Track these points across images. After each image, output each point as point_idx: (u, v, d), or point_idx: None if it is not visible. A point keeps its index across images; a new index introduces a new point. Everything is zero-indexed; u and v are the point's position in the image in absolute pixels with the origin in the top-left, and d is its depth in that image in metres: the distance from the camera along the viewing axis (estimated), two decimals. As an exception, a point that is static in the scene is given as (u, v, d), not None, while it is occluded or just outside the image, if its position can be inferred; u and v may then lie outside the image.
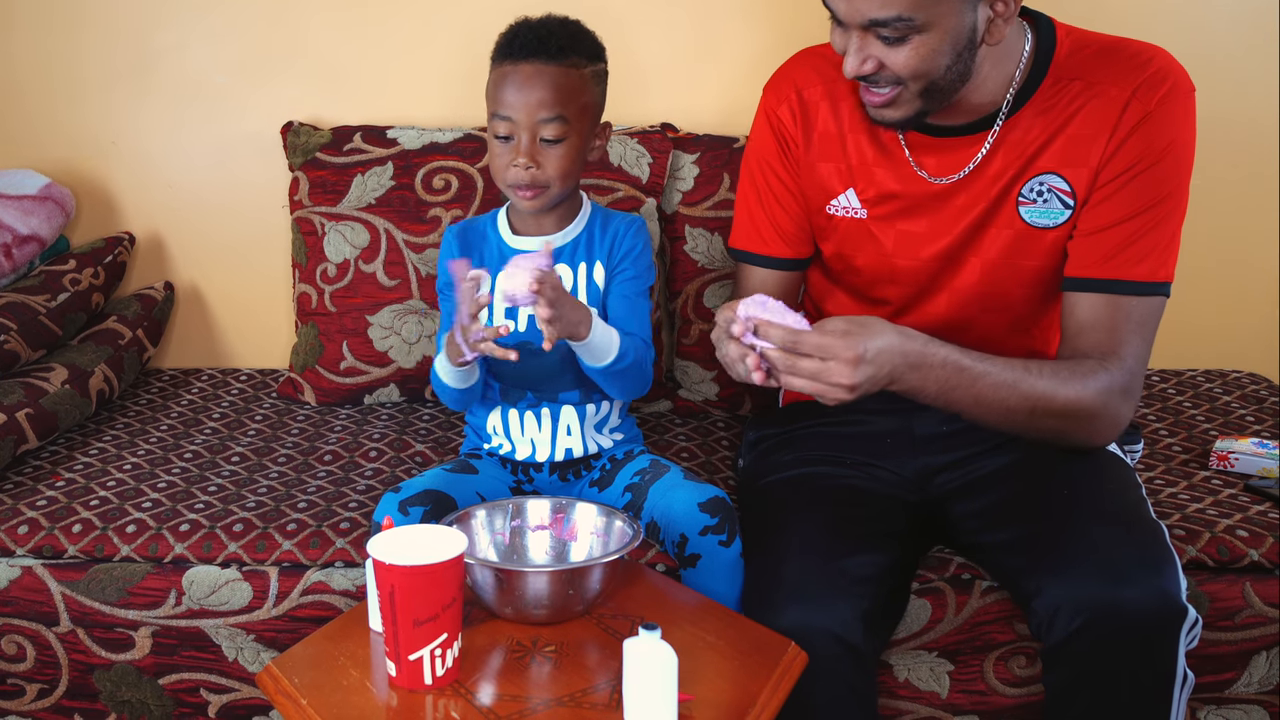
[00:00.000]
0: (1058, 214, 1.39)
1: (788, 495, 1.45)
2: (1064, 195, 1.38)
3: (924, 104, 1.33)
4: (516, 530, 1.34)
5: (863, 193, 1.47)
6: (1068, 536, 1.28)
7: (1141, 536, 1.27)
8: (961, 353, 1.29)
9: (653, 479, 1.47)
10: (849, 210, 1.48)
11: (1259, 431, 1.82)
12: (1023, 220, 1.41)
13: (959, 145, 1.41)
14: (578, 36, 1.44)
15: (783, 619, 1.24)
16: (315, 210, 1.97)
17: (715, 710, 1.07)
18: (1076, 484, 1.36)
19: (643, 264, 1.53)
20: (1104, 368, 1.34)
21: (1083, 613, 1.21)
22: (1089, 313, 1.38)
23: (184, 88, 2.12)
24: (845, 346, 1.21)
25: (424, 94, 2.11)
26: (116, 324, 2.03)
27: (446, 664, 1.10)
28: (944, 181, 1.42)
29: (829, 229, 1.51)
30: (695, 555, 1.39)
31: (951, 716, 1.52)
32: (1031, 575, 1.27)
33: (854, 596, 1.27)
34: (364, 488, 1.66)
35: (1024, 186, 1.40)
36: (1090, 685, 1.23)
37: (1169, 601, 1.21)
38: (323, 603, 1.50)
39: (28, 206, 2.00)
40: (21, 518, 1.57)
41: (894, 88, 1.31)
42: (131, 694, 1.56)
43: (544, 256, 1.32)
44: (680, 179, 1.98)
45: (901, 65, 1.28)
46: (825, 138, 1.49)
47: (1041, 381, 1.31)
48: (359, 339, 1.95)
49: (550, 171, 1.42)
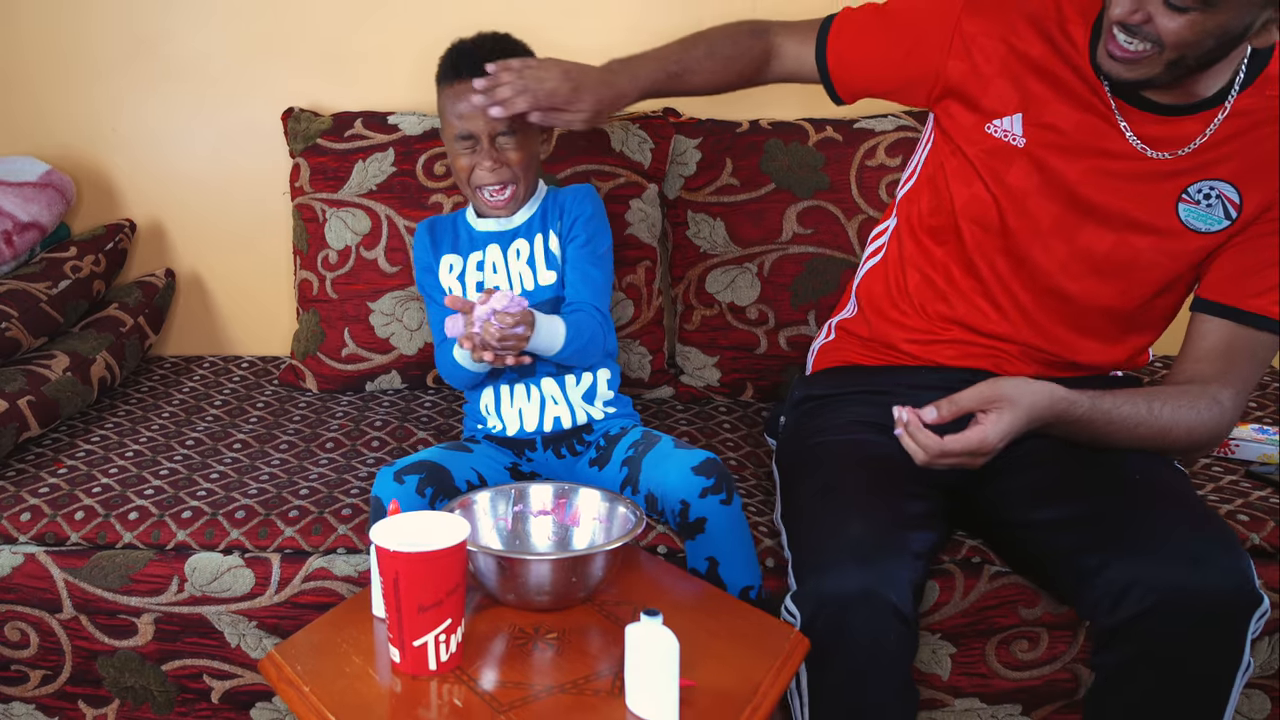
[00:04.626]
0: (1217, 221, 1.38)
1: (842, 457, 1.44)
2: (1230, 205, 1.37)
3: (1165, 73, 1.30)
4: (519, 515, 1.34)
5: (1032, 123, 1.44)
6: (1138, 517, 1.27)
7: (1215, 522, 1.28)
8: (1094, 400, 1.32)
9: (645, 450, 1.48)
10: (1009, 135, 1.45)
11: (1260, 418, 1.82)
12: (1178, 217, 1.39)
13: (1166, 122, 1.38)
14: (513, 45, 1.57)
15: (845, 580, 1.22)
16: (316, 197, 1.97)
17: (717, 696, 1.07)
18: (1133, 466, 1.36)
19: (593, 227, 1.60)
20: (1219, 403, 1.37)
21: (1155, 592, 1.19)
22: (1219, 341, 1.39)
23: (185, 74, 2.12)
24: (991, 438, 1.27)
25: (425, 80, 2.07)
26: (118, 311, 2.03)
27: (450, 650, 1.10)
28: (1148, 152, 1.39)
29: (977, 147, 1.48)
30: (700, 519, 1.39)
31: (952, 698, 1.53)
32: (1093, 552, 1.25)
33: (910, 568, 1.26)
34: (366, 475, 1.66)
35: (1193, 185, 1.38)
36: (1153, 665, 1.22)
37: (1246, 586, 1.21)
38: (325, 589, 1.50)
39: (28, 194, 2.00)
40: (24, 505, 1.58)
41: (1149, 47, 1.28)
42: (134, 680, 1.57)
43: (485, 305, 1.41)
44: (682, 164, 1.98)
45: (1170, 31, 1.25)
46: (1016, 55, 1.45)
47: (1165, 412, 1.35)
48: (360, 326, 1.95)
49: (514, 165, 1.55)
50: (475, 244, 1.61)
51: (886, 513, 1.32)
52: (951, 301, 1.53)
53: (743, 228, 1.95)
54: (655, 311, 1.96)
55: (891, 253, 1.61)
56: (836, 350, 1.66)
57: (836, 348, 1.66)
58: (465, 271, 1.61)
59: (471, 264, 1.61)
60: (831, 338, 1.69)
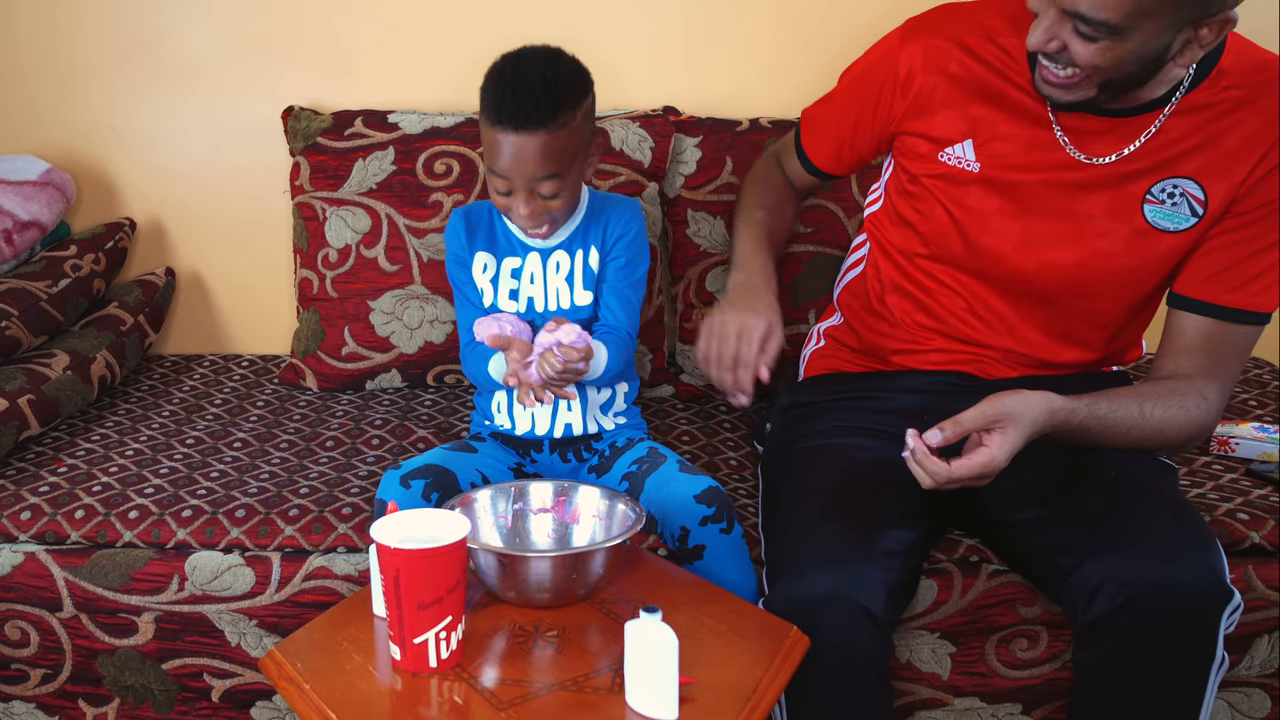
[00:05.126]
0: (1184, 219, 1.38)
1: (821, 462, 1.45)
2: (1196, 203, 1.37)
3: (1099, 94, 1.32)
4: (519, 513, 1.34)
5: (982, 146, 1.44)
6: (1113, 514, 1.29)
7: (1189, 518, 1.29)
8: (1090, 407, 1.33)
9: (649, 469, 1.48)
10: (962, 161, 1.46)
11: (1260, 416, 1.82)
12: (1145, 218, 1.40)
13: (1109, 128, 1.39)
14: (561, 92, 1.39)
15: (812, 583, 1.24)
16: (316, 195, 1.97)
17: (716, 693, 1.07)
18: (1113, 463, 1.37)
19: (635, 248, 1.55)
20: (1206, 399, 1.38)
21: (1128, 588, 1.21)
22: (1200, 336, 1.40)
23: (185, 73, 2.12)
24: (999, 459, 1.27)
25: (425, 78, 2.10)
26: (118, 310, 2.03)
27: (451, 647, 1.10)
28: (1083, 159, 1.40)
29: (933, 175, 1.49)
30: (699, 547, 1.39)
31: (952, 698, 1.53)
32: (1069, 551, 1.27)
33: (882, 569, 1.27)
34: (366, 473, 1.66)
35: (1156, 185, 1.38)
36: (1129, 662, 1.23)
37: (1216, 582, 1.22)
38: (325, 588, 1.50)
39: (28, 192, 2.00)
40: (24, 504, 1.58)
41: (1074, 72, 1.29)
42: (135, 679, 1.57)
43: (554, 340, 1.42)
44: (682, 163, 1.98)
45: (1085, 58, 1.27)
46: (956, 83, 1.46)
47: (1156, 413, 1.36)
48: (360, 324, 1.95)
49: (553, 210, 1.46)
50: (513, 249, 1.55)
51: (856, 514, 1.33)
52: (932, 312, 1.54)
53: (743, 226, 1.95)
54: (655, 310, 1.96)
55: (869, 268, 1.63)
56: (828, 357, 1.67)
57: (828, 354, 1.67)
58: (499, 276, 1.55)
59: (506, 270, 1.55)
60: (822, 344, 1.70)
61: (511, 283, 1.54)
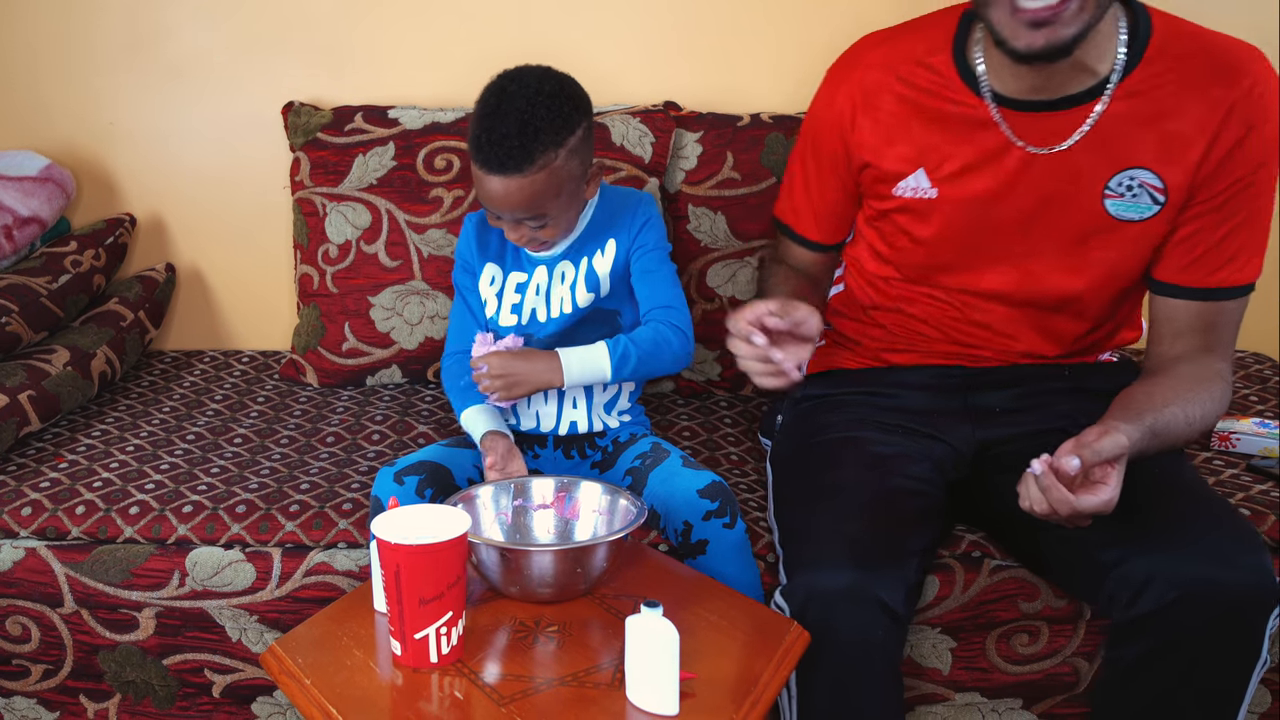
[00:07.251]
0: (1146, 209, 1.38)
1: (843, 455, 1.44)
2: (1155, 191, 1.37)
3: (1091, 18, 1.25)
4: (520, 509, 1.34)
5: (934, 171, 1.44)
6: (1159, 513, 1.27)
7: (1235, 518, 1.29)
8: (1151, 422, 1.31)
9: (652, 464, 1.48)
10: (918, 191, 1.46)
11: (1261, 412, 1.82)
12: (1107, 212, 1.39)
13: (1054, 118, 1.38)
14: (539, 134, 1.35)
15: (836, 577, 1.23)
16: (316, 191, 1.97)
17: (717, 688, 1.07)
18: (1153, 462, 1.34)
19: (651, 235, 1.54)
20: (1224, 378, 1.39)
21: (1177, 587, 1.19)
22: (1194, 318, 1.40)
23: (184, 68, 2.11)
24: (1114, 500, 1.23)
25: (425, 74, 2.10)
26: (118, 306, 2.03)
27: (451, 642, 1.10)
28: (1034, 150, 1.39)
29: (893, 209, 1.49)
30: (702, 541, 1.39)
31: (953, 693, 1.53)
32: (1112, 546, 1.25)
33: (905, 567, 1.27)
34: (366, 469, 1.66)
35: (1113, 179, 1.38)
36: (1171, 660, 1.23)
37: (1268, 582, 1.21)
38: (326, 583, 1.50)
39: (28, 188, 2.00)
40: (25, 499, 1.58)
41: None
42: (136, 674, 1.57)
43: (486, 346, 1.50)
44: (683, 158, 1.98)
45: None
46: (894, 116, 1.45)
47: (1197, 413, 1.36)
48: (361, 320, 1.95)
49: (546, 236, 1.47)
50: (521, 264, 1.56)
51: (884, 512, 1.32)
52: (923, 319, 1.54)
53: (744, 222, 1.95)
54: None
55: (851, 286, 1.63)
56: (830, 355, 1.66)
57: (829, 352, 1.67)
58: (504, 289, 1.56)
59: (511, 284, 1.56)
60: (823, 342, 1.69)
61: (515, 297, 1.55)
